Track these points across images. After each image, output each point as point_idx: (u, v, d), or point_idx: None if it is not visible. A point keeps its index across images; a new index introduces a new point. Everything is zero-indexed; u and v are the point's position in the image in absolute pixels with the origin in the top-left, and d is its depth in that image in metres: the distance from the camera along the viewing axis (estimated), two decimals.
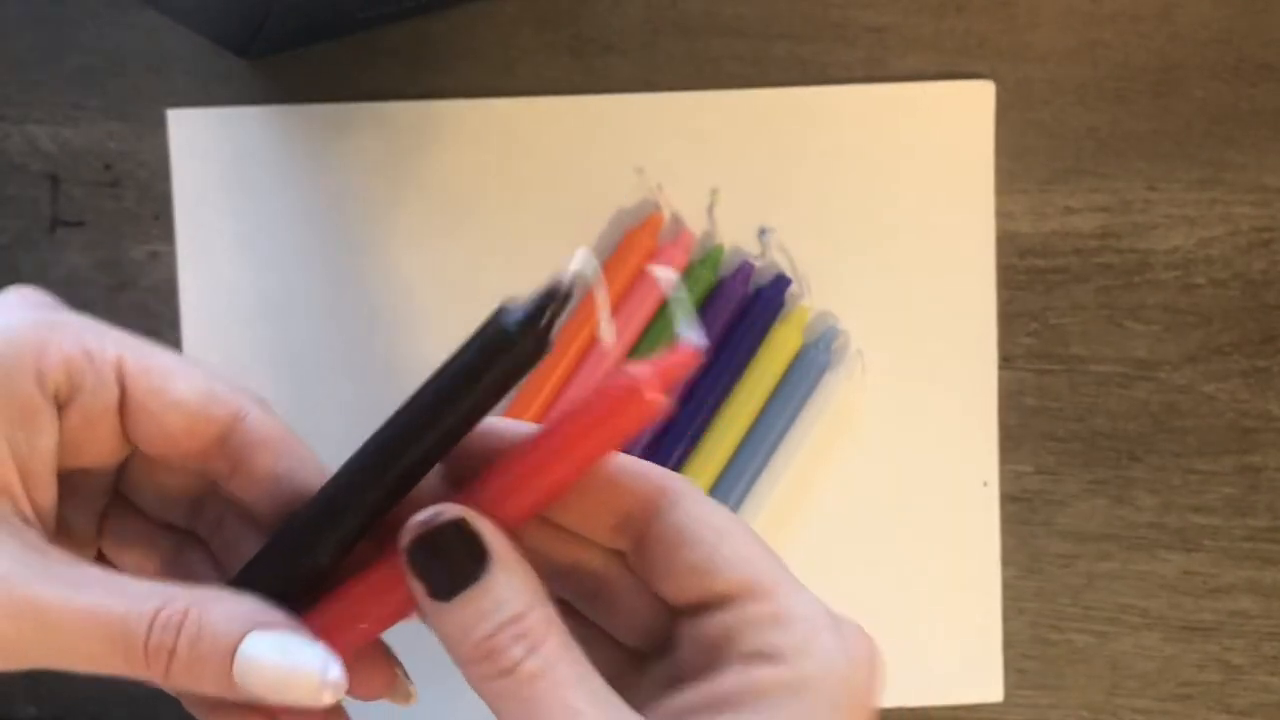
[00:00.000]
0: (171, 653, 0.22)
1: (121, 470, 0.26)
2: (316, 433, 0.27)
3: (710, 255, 0.45)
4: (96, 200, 0.45)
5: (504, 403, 0.43)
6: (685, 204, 0.45)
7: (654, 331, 0.44)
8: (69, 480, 0.24)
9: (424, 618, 0.23)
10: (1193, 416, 0.47)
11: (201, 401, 0.24)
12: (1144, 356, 0.47)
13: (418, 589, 0.22)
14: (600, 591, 0.24)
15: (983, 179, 0.46)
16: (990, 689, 0.46)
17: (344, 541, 0.24)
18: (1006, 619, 0.46)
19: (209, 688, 0.22)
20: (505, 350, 0.22)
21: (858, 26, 0.46)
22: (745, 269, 0.45)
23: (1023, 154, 0.46)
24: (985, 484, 0.46)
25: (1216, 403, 0.47)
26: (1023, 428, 0.46)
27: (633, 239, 0.44)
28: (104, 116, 0.45)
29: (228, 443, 0.24)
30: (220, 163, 0.45)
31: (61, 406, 0.23)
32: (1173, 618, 0.47)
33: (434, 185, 0.45)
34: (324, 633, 0.23)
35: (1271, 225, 0.47)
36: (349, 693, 0.24)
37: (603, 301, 0.24)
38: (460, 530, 0.21)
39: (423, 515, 0.22)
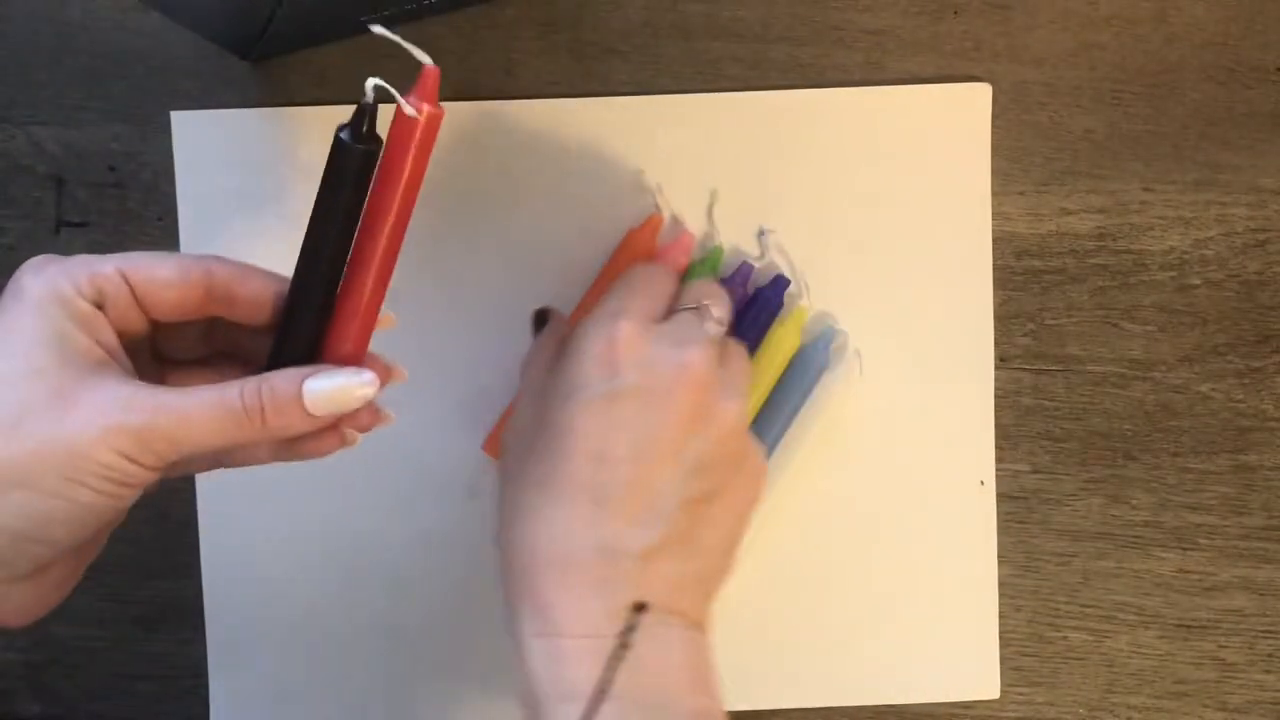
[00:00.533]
0: (261, 409, 0.32)
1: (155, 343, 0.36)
2: None
3: (710, 256, 0.45)
4: (100, 201, 0.45)
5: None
6: (685, 205, 0.45)
7: None
8: (131, 357, 0.34)
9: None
10: (1188, 416, 0.47)
11: (178, 271, 0.34)
12: (1140, 356, 0.47)
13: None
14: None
15: (980, 181, 0.46)
16: (987, 686, 0.47)
17: (319, 310, 0.34)
18: (1003, 617, 0.47)
19: (295, 422, 0.33)
20: (344, 152, 0.32)
21: (856, 30, 0.46)
22: (744, 270, 0.45)
23: (1019, 156, 0.46)
24: (982, 483, 0.46)
25: (1212, 402, 0.47)
26: (1019, 427, 0.47)
27: (632, 239, 0.45)
28: (108, 118, 0.45)
29: (211, 290, 0.34)
30: (223, 164, 0.45)
31: (103, 308, 0.33)
32: (1168, 616, 0.47)
33: (434, 187, 0.45)
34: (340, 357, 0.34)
35: (1266, 226, 0.47)
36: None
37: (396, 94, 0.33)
38: (538, 313, 0.44)
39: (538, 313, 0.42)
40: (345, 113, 0.45)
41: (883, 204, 0.46)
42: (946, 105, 0.46)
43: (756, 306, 0.45)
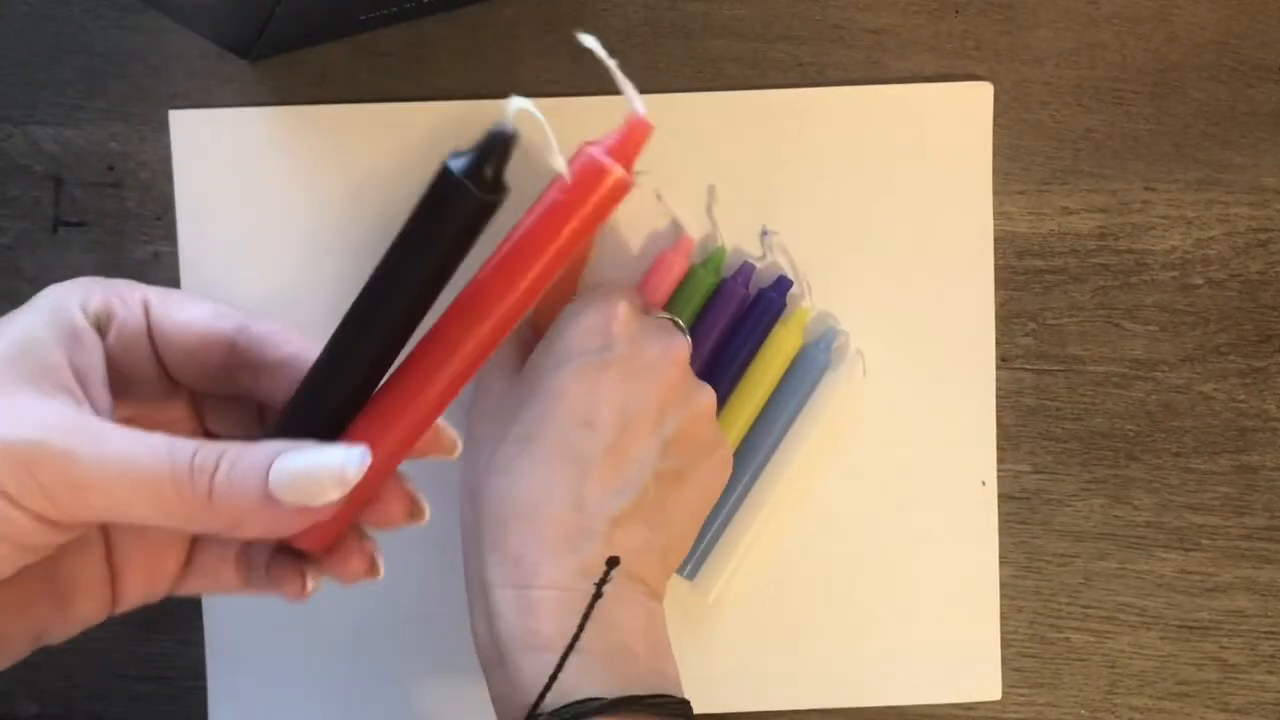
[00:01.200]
0: (213, 474, 0.25)
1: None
2: None
3: (712, 257, 0.45)
4: (99, 201, 0.45)
5: None
6: (685, 205, 0.45)
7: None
8: (133, 397, 0.30)
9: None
10: (1190, 416, 0.47)
11: (208, 318, 0.29)
12: (1141, 356, 0.47)
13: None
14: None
15: (981, 180, 0.46)
16: (988, 687, 0.47)
17: (354, 386, 0.26)
18: (1005, 618, 0.47)
19: (246, 502, 0.25)
20: (454, 197, 0.23)
21: (857, 28, 0.46)
22: (746, 270, 0.45)
23: (1021, 155, 0.46)
24: (983, 483, 0.46)
25: (1214, 402, 0.47)
26: (1021, 427, 0.47)
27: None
28: (106, 117, 0.45)
29: (238, 348, 0.29)
30: (222, 163, 0.45)
31: (103, 331, 0.29)
32: (1170, 617, 0.47)
33: None
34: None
35: (1268, 226, 0.47)
36: (374, 524, 0.31)
37: (550, 136, 0.24)
38: None
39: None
40: (347, 114, 0.45)
41: (883, 203, 0.46)
42: (947, 104, 0.46)
43: (759, 307, 0.45)
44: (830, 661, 0.46)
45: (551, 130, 0.23)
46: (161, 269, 0.45)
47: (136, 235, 0.45)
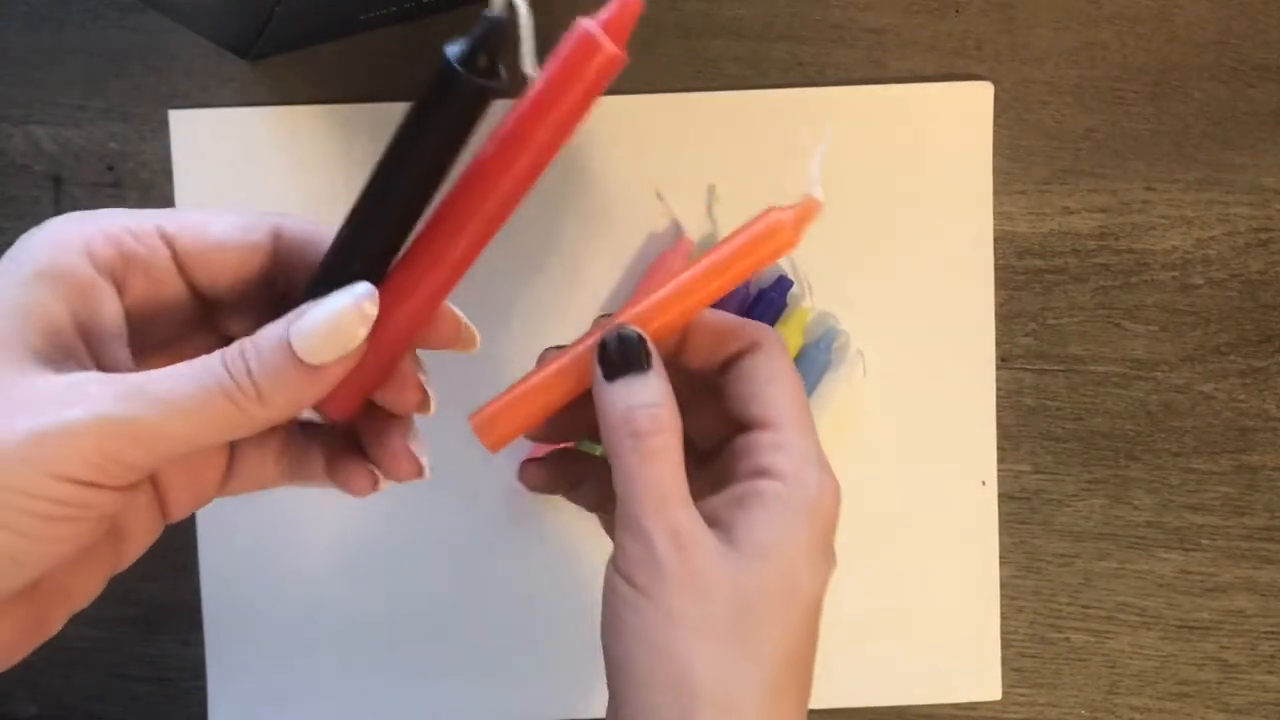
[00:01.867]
0: (249, 371, 0.24)
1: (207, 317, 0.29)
2: None
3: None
4: (99, 200, 0.45)
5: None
6: (685, 205, 0.45)
7: None
8: (165, 348, 0.28)
9: (596, 398, 0.30)
10: (1190, 416, 0.47)
11: (239, 231, 0.27)
12: (1142, 356, 0.47)
13: (597, 370, 0.29)
14: (694, 404, 0.31)
15: (981, 180, 0.46)
16: (989, 687, 0.47)
17: (359, 268, 0.26)
18: (1005, 618, 0.47)
19: (292, 383, 0.25)
20: (450, 84, 0.24)
21: (857, 28, 0.46)
22: None
23: (1021, 155, 0.46)
24: (984, 483, 0.46)
25: (1214, 402, 0.47)
26: (1021, 427, 0.47)
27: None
28: (106, 117, 0.45)
29: (276, 254, 0.28)
30: (222, 163, 0.45)
31: (120, 278, 0.26)
32: (1170, 617, 0.47)
33: None
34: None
35: (1269, 226, 0.47)
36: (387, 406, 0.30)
37: (527, 35, 0.25)
38: (637, 342, 0.29)
39: (614, 326, 0.30)
40: (347, 113, 0.45)
41: (884, 203, 0.46)
42: (948, 104, 0.46)
43: (760, 307, 0.45)
44: (830, 662, 0.46)
45: (531, 29, 0.25)
46: None
47: None
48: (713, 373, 0.32)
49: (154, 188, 0.45)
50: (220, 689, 0.46)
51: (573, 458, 0.36)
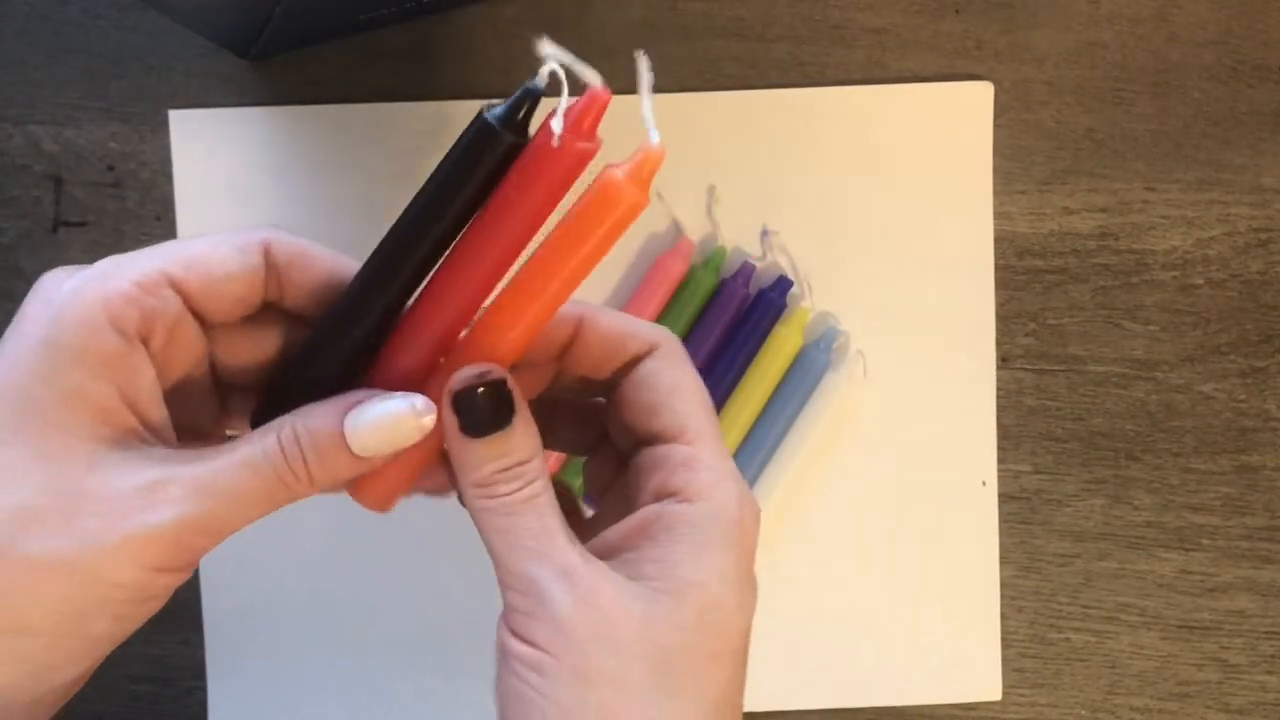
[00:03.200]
0: (304, 459, 0.25)
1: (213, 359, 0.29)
2: None
3: (712, 257, 0.45)
4: (99, 201, 0.45)
5: None
6: (685, 205, 0.45)
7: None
8: (181, 391, 0.28)
9: (449, 446, 0.27)
10: (1190, 416, 0.47)
11: (239, 259, 0.27)
12: (1142, 356, 0.47)
13: (451, 423, 0.26)
14: (581, 418, 0.30)
15: (981, 180, 0.46)
16: (989, 687, 0.47)
17: (382, 314, 0.27)
18: (1005, 618, 0.47)
19: (342, 468, 0.26)
20: (488, 137, 0.25)
21: (857, 28, 0.46)
22: (746, 270, 0.45)
23: (1021, 155, 0.46)
24: (984, 483, 0.46)
25: (1214, 402, 0.47)
26: (1021, 427, 0.47)
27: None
28: (106, 117, 0.45)
29: (269, 271, 0.27)
30: (222, 163, 0.45)
31: (146, 338, 0.26)
32: (1170, 617, 0.47)
33: None
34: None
35: (1269, 226, 0.47)
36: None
37: (564, 100, 0.26)
38: (499, 388, 0.26)
39: (473, 370, 0.26)
40: (347, 114, 0.45)
41: (884, 203, 0.46)
42: (948, 104, 0.46)
43: (759, 307, 0.45)
44: (830, 662, 0.46)
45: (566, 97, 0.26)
46: None
47: (136, 235, 0.45)
48: (605, 381, 0.29)
49: (154, 188, 0.45)
50: (220, 689, 0.46)
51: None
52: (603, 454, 0.31)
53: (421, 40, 0.45)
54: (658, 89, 0.47)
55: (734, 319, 0.45)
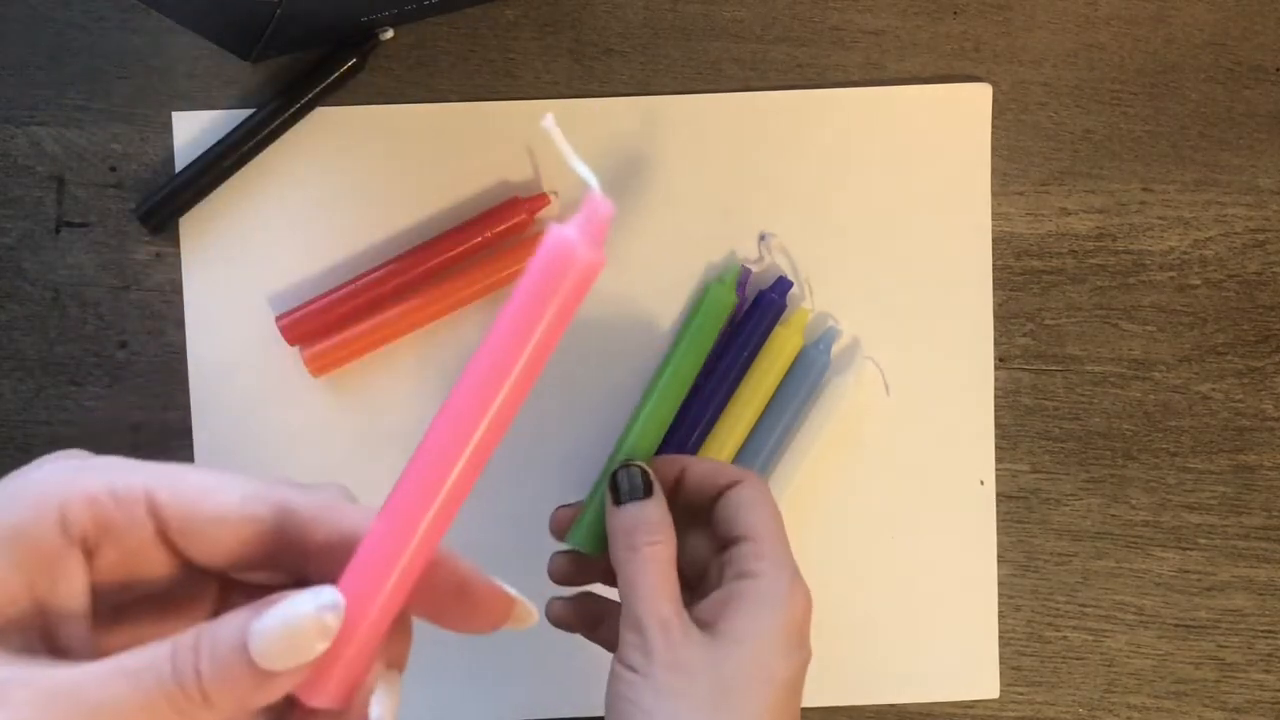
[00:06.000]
0: (198, 670, 0.22)
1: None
2: None
3: (730, 272, 0.45)
4: (101, 201, 0.45)
5: None
6: (685, 205, 0.46)
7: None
8: (149, 592, 0.25)
9: (607, 515, 0.38)
10: (1188, 416, 0.47)
11: (238, 506, 0.24)
12: (1139, 356, 0.47)
13: (608, 498, 0.38)
14: (689, 529, 0.39)
15: (979, 181, 0.46)
16: (986, 686, 0.47)
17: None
18: (1003, 616, 0.47)
19: (245, 689, 0.22)
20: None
21: (856, 30, 0.46)
22: (744, 272, 0.45)
23: (1019, 156, 0.46)
24: (982, 483, 0.47)
25: (1211, 402, 0.47)
26: (1019, 427, 0.47)
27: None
28: (109, 118, 0.45)
29: (281, 532, 0.25)
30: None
31: (92, 549, 0.24)
32: (1167, 615, 0.47)
33: (432, 187, 0.45)
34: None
35: (1265, 226, 0.47)
36: (475, 629, 0.27)
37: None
38: (641, 474, 0.38)
39: (623, 464, 0.39)
40: (347, 115, 0.45)
41: (883, 204, 0.46)
42: (946, 105, 0.46)
43: (759, 309, 0.45)
44: (829, 660, 0.46)
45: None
46: (163, 269, 0.45)
47: (138, 236, 0.45)
48: (705, 505, 0.39)
49: (156, 189, 0.45)
50: None
51: (593, 600, 0.41)
52: (704, 546, 0.39)
53: (421, 41, 0.45)
54: (658, 90, 0.47)
55: (734, 320, 0.45)
